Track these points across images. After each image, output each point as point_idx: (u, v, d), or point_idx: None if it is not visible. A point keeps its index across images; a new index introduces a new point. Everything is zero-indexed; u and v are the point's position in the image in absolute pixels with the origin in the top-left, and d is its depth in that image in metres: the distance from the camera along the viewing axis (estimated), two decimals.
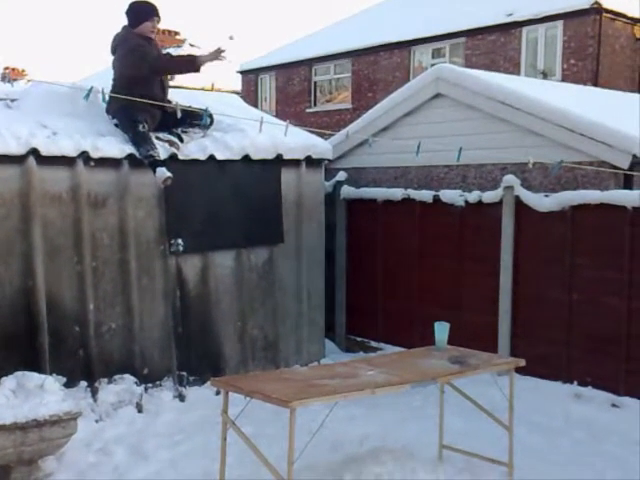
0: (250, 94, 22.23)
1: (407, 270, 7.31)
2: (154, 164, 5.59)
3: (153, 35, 5.96)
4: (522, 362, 4.55)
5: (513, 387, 4.45)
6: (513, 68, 15.42)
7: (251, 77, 22.55)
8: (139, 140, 5.61)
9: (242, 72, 22.85)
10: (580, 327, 6.02)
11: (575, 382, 6.01)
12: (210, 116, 6.04)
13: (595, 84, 13.98)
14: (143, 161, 5.59)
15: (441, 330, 4.68)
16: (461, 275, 6.88)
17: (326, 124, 18.70)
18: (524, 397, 5.24)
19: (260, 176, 6.43)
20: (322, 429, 4.23)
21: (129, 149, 5.61)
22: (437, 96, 7.33)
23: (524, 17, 15.23)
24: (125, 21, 5.92)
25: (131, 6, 5.88)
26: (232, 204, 6.25)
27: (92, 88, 5.30)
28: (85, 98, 5.26)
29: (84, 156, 5.40)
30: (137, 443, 4.91)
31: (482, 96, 6.89)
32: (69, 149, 5.34)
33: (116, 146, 5.58)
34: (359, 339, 7.79)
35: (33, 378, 4.42)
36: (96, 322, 5.57)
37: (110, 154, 5.53)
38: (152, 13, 5.86)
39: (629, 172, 5.93)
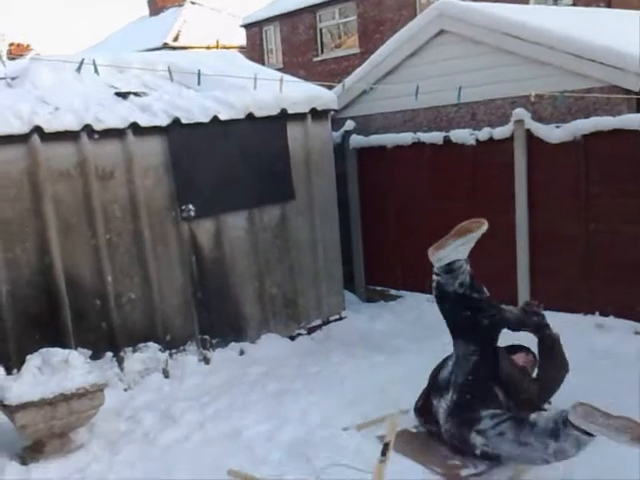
0: (256, 48, 21.92)
1: (422, 215, 7.22)
2: None
3: None
4: None
5: None
6: None
7: (255, 30, 22.17)
8: None
9: (246, 26, 22.46)
10: (598, 257, 5.94)
11: (597, 313, 5.98)
12: None
13: (609, 5, 13.47)
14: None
15: None
16: (476, 215, 6.75)
17: (335, 72, 18.41)
18: None
19: (266, 133, 6.34)
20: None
21: (132, 118, 5.56)
22: (441, 33, 7.10)
23: None
24: None
25: None
26: (240, 164, 6.20)
27: (83, 60, 5.24)
28: (77, 70, 5.22)
29: (88, 129, 5.37)
30: (166, 408, 5.00)
31: (486, 29, 6.65)
32: (72, 124, 5.31)
33: (118, 116, 5.54)
34: (379, 288, 7.79)
35: (57, 354, 4.48)
36: (115, 294, 5.62)
37: (113, 125, 5.49)
38: None
39: None
